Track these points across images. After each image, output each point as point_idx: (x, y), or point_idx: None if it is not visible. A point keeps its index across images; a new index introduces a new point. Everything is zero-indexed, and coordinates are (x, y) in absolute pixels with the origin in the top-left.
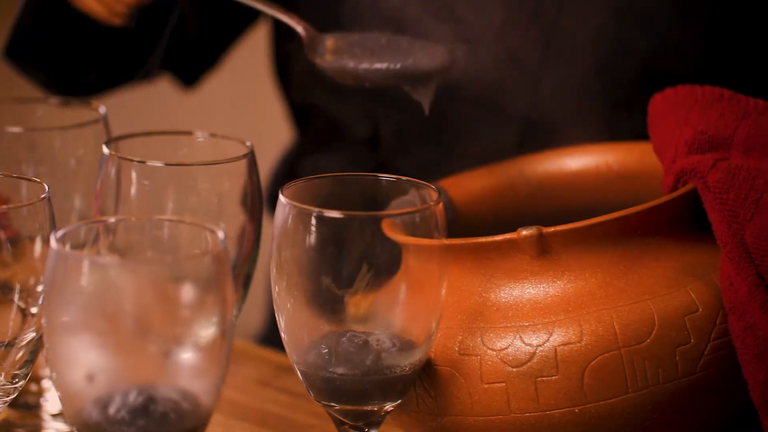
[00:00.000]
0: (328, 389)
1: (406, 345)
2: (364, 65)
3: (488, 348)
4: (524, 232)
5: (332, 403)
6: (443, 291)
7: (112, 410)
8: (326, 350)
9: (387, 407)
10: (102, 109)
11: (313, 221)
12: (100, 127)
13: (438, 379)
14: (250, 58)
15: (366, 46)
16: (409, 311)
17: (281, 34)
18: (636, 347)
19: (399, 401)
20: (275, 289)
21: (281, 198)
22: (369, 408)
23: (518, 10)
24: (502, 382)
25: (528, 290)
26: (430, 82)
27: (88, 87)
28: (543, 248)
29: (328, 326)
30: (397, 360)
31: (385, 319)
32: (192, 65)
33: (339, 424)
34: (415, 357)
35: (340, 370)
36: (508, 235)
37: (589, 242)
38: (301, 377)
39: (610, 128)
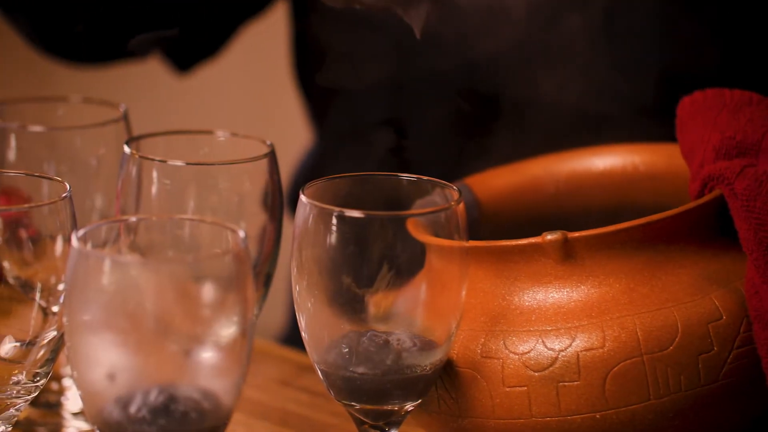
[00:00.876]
0: (348, 389)
1: (426, 345)
2: None
3: (510, 351)
4: (549, 237)
5: (353, 403)
6: (464, 291)
7: (133, 409)
8: (347, 350)
9: (407, 407)
10: (123, 108)
11: (334, 221)
12: (121, 126)
13: (460, 381)
14: (270, 57)
15: None
16: (430, 311)
17: (301, 25)
18: (659, 354)
19: (420, 401)
20: (296, 288)
21: (302, 197)
22: (389, 408)
23: (539, 15)
24: (524, 386)
25: (551, 294)
26: (422, 4)
27: (76, 48)
28: (567, 253)
29: (348, 326)
30: (417, 360)
31: (406, 319)
32: (190, 50)
33: (359, 423)
34: (436, 357)
35: (361, 369)
36: (532, 239)
37: (614, 248)
38: (321, 377)
39: (631, 132)
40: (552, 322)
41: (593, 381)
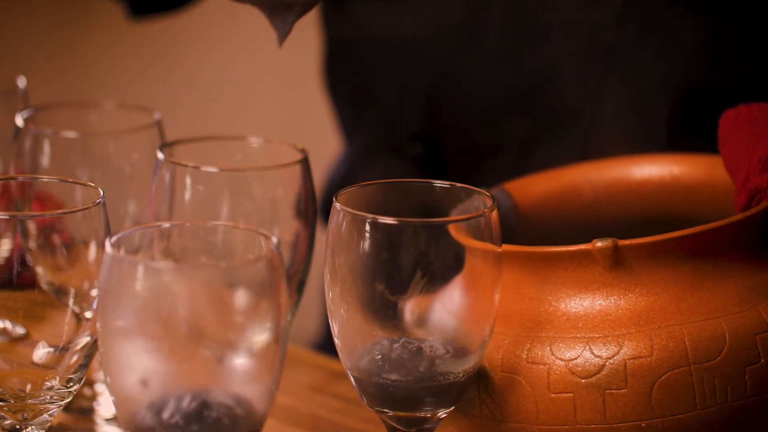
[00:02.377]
0: (381, 395)
1: (459, 352)
2: None
3: (557, 357)
4: (599, 244)
5: (385, 410)
6: (497, 297)
7: (165, 415)
8: (379, 356)
9: (440, 414)
10: (157, 115)
11: (367, 227)
12: (154, 132)
13: (504, 386)
14: (302, 61)
15: None
16: (464, 318)
17: (332, 32)
18: (706, 364)
19: (452, 408)
20: (329, 295)
21: (335, 204)
22: (422, 415)
23: (577, 28)
24: (570, 392)
25: (599, 302)
26: (290, 15)
27: None
28: (617, 260)
29: (381, 332)
30: (450, 367)
31: (439, 326)
32: None
33: (392, 430)
34: (469, 364)
35: (393, 376)
36: (582, 246)
37: (663, 256)
38: (354, 383)
39: (663, 147)
40: (599, 329)
41: (640, 389)
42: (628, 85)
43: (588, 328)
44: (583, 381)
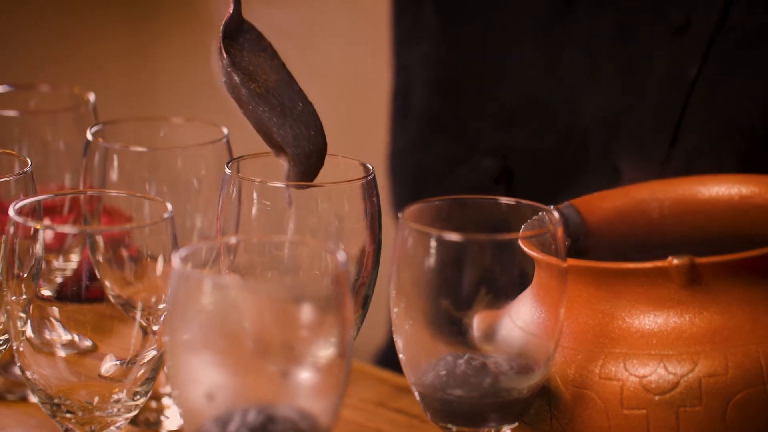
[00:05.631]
0: (445, 411)
1: (524, 368)
2: (259, 111)
3: (630, 374)
4: (675, 261)
5: (449, 425)
6: (562, 312)
7: (231, 429)
8: (444, 372)
9: (504, 429)
10: (224, 130)
11: (433, 243)
12: (222, 147)
13: (576, 401)
14: (372, 77)
15: (281, 97)
16: (529, 334)
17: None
18: None
19: (516, 424)
20: (394, 310)
21: (401, 220)
22: (486, 430)
23: (659, 61)
24: (643, 409)
25: (673, 319)
26: (289, 171)
27: None
28: (693, 278)
29: (446, 348)
30: (514, 383)
31: (504, 342)
32: None
33: None
34: (533, 380)
35: (458, 392)
36: (658, 263)
37: (740, 275)
38: (418, 398)
39: None
40: (674, 346)
41: (714, 407)
42: (707, 120)
43: (662, 345)
44: (656, 398)
